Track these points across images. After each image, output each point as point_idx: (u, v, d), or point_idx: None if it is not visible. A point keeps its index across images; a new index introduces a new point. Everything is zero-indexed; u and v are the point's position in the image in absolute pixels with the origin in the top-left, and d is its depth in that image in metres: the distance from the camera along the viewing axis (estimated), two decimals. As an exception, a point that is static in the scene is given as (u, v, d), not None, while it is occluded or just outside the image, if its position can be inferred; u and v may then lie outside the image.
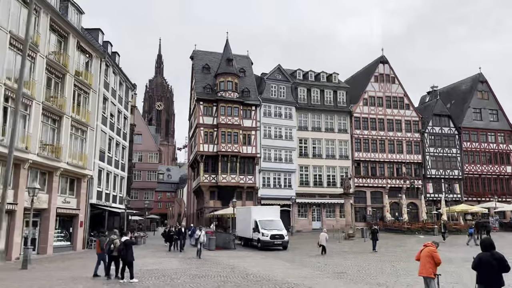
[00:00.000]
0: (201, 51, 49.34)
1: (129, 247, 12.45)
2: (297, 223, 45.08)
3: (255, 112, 45.54)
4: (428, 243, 9.61)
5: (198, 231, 23.68)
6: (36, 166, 23.55)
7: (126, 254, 12.41)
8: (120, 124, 37.20)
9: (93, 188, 30.41)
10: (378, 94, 51.51)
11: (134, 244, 12.82)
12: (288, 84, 48.01)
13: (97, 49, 30.68)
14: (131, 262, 12.69)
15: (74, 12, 28.50)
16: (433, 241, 10.04)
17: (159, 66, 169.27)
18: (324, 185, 47.49)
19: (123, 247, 12.52)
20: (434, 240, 10.21)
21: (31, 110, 22.52)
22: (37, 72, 23.08)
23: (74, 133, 27.65)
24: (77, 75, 27.63)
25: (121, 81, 37.61)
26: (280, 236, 27.33)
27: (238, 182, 43.19)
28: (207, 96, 43.82)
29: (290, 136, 46.87)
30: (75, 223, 28.28)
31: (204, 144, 42.98)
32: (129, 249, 12.44)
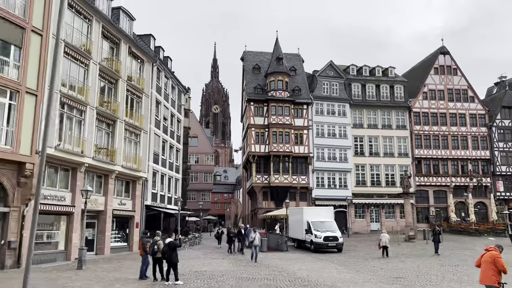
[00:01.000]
0: (251, 52, 49.21)
1: (173, 249, 12.24)
2: (354, 224, 43.42)
3: (306, 110, 44.55)
4: (490, 247, 8.39)
5: (252, 233, 22.09)
6: (92, 169, 24.37)
7: (170, 256, 12.22)
8: (173, 127, 37.91)
9: (148, 190, 31.11)
10: (439, 87, 48.43)
11: (178, 246, 12.59)
12: (340, 81, 46.50)
13: (148, 54, 31.39)
14: (176, 264, 12.49)
15: (125, 19, 29.33)
16: (496, 244, 8.76)
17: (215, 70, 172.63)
18: (382, 184, 45.40)
19: (167, 249, 12.34)
20: (498, 244, 8.91)
21: (85, 115, 23.35)
22: (90, 79, 23.91)
23: (128, 136, 28.42)
24: (129, 80, 28.40)
25: (173, 85, 38.34)
26: (334, 238, 26.26)
27: (291, 182, 42.43)
28: (257, 96, 43.54)
29: (345, 134, 45.33)
30: (131, 224, 29.05)
31: (255, 145, 42.72)
32: (173, 251, 12.24)
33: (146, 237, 15.33)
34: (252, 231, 22.90)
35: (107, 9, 26.87)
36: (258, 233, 21.92)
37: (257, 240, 20.92)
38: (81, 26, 23.62)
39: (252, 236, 21.34)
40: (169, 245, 12.34)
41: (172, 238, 12.62)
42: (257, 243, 20.90)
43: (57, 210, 21.46)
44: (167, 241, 12.57)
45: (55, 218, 21.97)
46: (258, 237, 21.10)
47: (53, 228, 22.02)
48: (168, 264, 12.85)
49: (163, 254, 12.62)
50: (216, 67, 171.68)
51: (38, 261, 20.08)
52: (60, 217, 22.30)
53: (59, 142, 21.11)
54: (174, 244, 12.35)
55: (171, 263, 12.49)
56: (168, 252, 12.31)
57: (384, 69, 49.38)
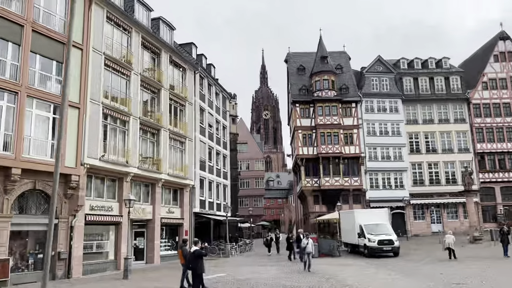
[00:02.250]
0: (295, 53, 48.33)
1: (197, 258, 11.58)
2: (413, 226, 40.91)
3: (355, 109, 42.83)
4: None
5: (304, 239, 19.74)
6: (138, 178, 24.61)
7: (195, 265, 11.55)
8: (219, 134, 37.86)
9: (195, 197, 31.10)
10: (500, 76, 44.71)
11: (204, 255, 11.90)
12: (390, 76, 44.31)
13: (190, 62, 31.52)
14: (200, 274, 11.76)
15: (165, 29, 29.64)
16: None
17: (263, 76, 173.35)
18: (442, 183, 42.50)
19: (192, 258, 11.71)
20: None
21: (129, 125, 23.64)
22: (132, 89, 24.23)
23: (173, 145, 28.55)
24: (171, 89, 28.59)
25: (217, 92, 38.34)
26: (389, 241, 24.61)
27: (342, 184, 40.84)
28: (302, 97, 42.52)
29: (398, 132, 43.02)
30: (180, 232, 29.07)
31: (303, 147, 41.65)
32: (197, 260, 11.57)
33: (185, 245, 14.93)
34: (304, 237, 20.58)
35: (147, 20, 27.26)
36: (311, 239, 20.17)
37: (310, 247, 19.08)
38: (120, 38, 24.04)
39: (304, 242, 19.43)
40: (194, 253, 11.70)
41: (198, 246, 11.92)
42: (310, 250, 19.01)
43: (105, 220, 21.78)
44: (192, 250, 11.93)
45: (103, 228, 22.30)
46: (311, 243, 19.31)
47: (103, 238, 22.37)
48: (192, 274, 12.09)
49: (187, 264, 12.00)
50: (265, 73, 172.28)
51: (89, 271, 20.40)
52: (108, 227, 22.62)
53: (104, 153, 21.45)
54: (199, 252, 11.64)
55: (195, 273, 11.73)
56: (193, 261, 11.65)
57: (438, 61, 46.47)
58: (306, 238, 19.73)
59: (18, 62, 17.27)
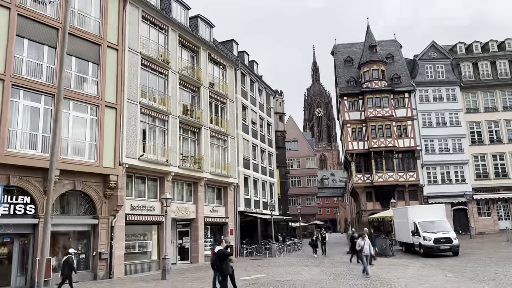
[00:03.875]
0: (342, 44, 46.48)
1: (222, 259, 10.79)
2: (477, 223, 37.67)
3: (409, 99, 40.21)
4: None
5: (360, 240, 17.12)
6: (180, 178, 24.41)
7: (220, 266, 10.78)
8: (263, 131, 37.06)
9: (240, 196, 30.50)
10: None
11: (229, 255, 11.10)
12: (447, 62, 41.16)
13: (230, 59, 30.99)
14: (227, 275, 10.98)
15: (204, 27, 29.32)
16: None
17: (315, 73, 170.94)
18: (510, 175, 38.74)
19: (216, 258, 10.95)
20: None
21: (168, 124, 23.47)
22: (170, 88, 24.06)
23: (215, 143, 28.15)
24: (211, 86, 28.19)
25: (260, 88, 37.58)
26: (447, 240, 22.44)
27: (397, 180, 38.47)
28: (350, 89, 40.65)
29: (457, 122, 39.82)
30: (225, 232, 28.61)
31: (352, 142, 39.77)
32: (222, 260, 10.78)
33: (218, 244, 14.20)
34: (360, 238, 17.63)
35: (185, 19, 27.05)
36: (367, 240, 17.30)
37: (367, 249, 16.60)
38: (157, 37, 23.96)
39: (360, 244, 16.88)
40: (217, 254, 10.93)
41: (222, 245, 11.13)
42: (367, 253, 16.48)
43: (147, 220, 21.67)
44: (216, 250, 11.16)
45: (145, 228, 22.27)
46: (368, 245, 16.78)
47: (145, 238, 22.34)
48: (220, 275, 11.30)
49: (212, 265, 11.26)
50: (317, 69, 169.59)
51: (132, 271, 20.39)
52: (151, 227, 22.57)
53: (143, 152, 21.37)
54: (223, 252, 10.86)
55: (222, 274, 10.96)
56: (217, 262, 10.87)
57: (500, 43, 42.57)
58: (362, 239, 17.16)
59: (53, 65, 17.54)
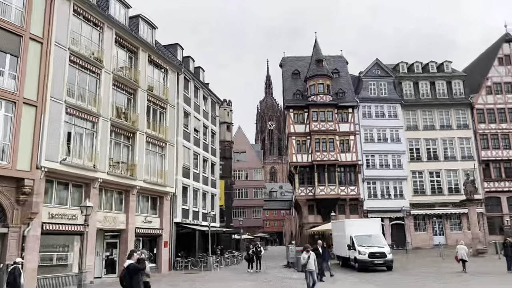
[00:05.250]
0: (290, 57, 46.65)
1: (132, 274, 9.55)
2: (413, 238, 38.58)
3: (352, 114, 40.84)
4: None
5: (304, 254, 15.36)
6: (109, 185, 22.78)
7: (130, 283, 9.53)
8: (207, 140, 35.99)
9: (177, 206, 29.14)
10: (505, 79, 42.60)
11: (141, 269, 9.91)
12: (389, 80, 42.37)
13: (172, 63, 29.85)
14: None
15: (145, 27, 28.05)
16: None
17: (268, 87, 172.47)
18: (444, 192, 40.21)
19: (125, 274, 9.69)
20: None
21: (97, 127, 21.87)
22: (102, 89, 22.50)
23: (151, 149, 26.73)
24: (150, 90, 26.85)
25: (205, 96, 36.59)
26: (381, 254, 22.42)
27: (338, 193, 38.68)
28: (296, 102, 40.68)
29: (397, 138, 40.90)
30: (159, 244, 27.11)
31: (297, 154, 39.67)
32: (132, 276, 9.54)
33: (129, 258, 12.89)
34: (304, 251, 15.74)
35: (124, 17, 25.72)
36: (312, 253, 15.61)
37: (312, 263, 15.10)
38: (90, 33, 22.41)
39: (304, 257, 15.28)
40: (128, 269, 9.68)
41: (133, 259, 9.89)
42: (312, 268, 15.01)
43: (68, 229, 19.86)
44: (126, 264, 9.90)
45: (66, 238, 20.43)
46: (312, 259, 15.20)
47: (66, 250, 20.51)
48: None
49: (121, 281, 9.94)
50: (270, 83, 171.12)
51: (46, 286, 18.56)
52: (73, 237, 20.73)
53: (66, 156, 19.66)
54: (135, 267, 9.65)
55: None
56: (127, 278, 9.59)
57: (439, 64, 44.50)
58: (306, 252, 15.40)
59: (-39, 54, 15.67)
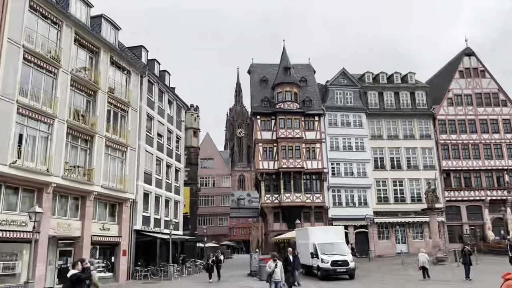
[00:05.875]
0: (259, 64, 46.53)
1: (76, 284, 8.94)
2: (377, 246, 38.94)
3: (318, 122, 41.04)
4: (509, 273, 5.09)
5: (271, 263, 14.49)
6: (64, 190, 21.72)
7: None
8: (171, 145, 35.17)
9: (137, 213, 28.18)
10: (465, 92, 44.03)
11: (85, 279, 9.28)
12: (355, 89, 42.94)
13: (136, 65, 29.04)
14: None
15: (108, 28, 27.20)
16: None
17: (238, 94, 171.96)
18: (407, 201, 40.87)
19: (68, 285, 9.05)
20: None
21: (53, 129, 20.84)
22: (59, 89, 21.51)
23: (111, 153, 25.76)
24: (111, 92, 25.97)
25: (170, 100, 35.83)
26: (343, 262, 22.33)
27: (304, 201, 38.61)
28: (264, 109, 40.51)
29: (362, 147, 41.37)
30: (117, 252, 26.06)
31: (263, 161, 39.39)
32: (76, 286, 8.92)
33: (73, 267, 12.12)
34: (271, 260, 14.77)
35: (85, 16, 24.79)
36: (280, 263, 14.72)
37: (279, 273, 14.23)
38: (48, 31, 21.42)
39: (270, 266, 14.33)
40: (70, 280, 9.05)
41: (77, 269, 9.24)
42: (278, 278, 14.13)
43: (17, 237, 18.71)
44: (69, 274, 9.26)
45: (15, 246, 19.21)
46: (279, 268, 14.35)
47: (14, 258, 19.28)
48: None
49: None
50: (240, 90, 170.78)
51: (-10, 297, 17.33)
52: (22, 245, 19.51)
53: (17, 159, 18.56)
54: (78, 277, 9.02)
55: None
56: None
57: (404, 76, 45.51)
58: (273, 261, 14.46)
59: None
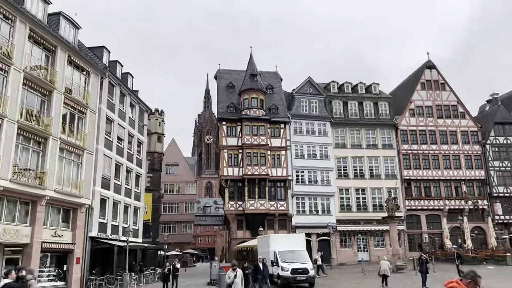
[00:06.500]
0: (226, 70, 46.19)
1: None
2: (339, 254, 39.09)
3: (284, 130, 41.04)
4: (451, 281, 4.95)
5: (230, 272, 13.75)
6: (12, 194, 20.52)
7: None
8: (132, 149, 34.18)
9: (93, 219, 27.06)
10: (426, 103, 45.28)
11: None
12: (320, 98, 43.29)
13: (96, 66, 28.08)
14: None
15: (67, 26, 26.20)
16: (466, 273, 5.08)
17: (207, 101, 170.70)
18: (369, 209, 41.35)
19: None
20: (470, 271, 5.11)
21: (1, 129, 19.71)
22: (10, 87, 20.42)
23: (66, 157, 24.66)
24: (68, 92, 24.93)
25: (132, 103, 34.91)
26: (303, 270, 22.13)
27: (268, 209, 38.35)
28: (230, 115, 40.13)
29: (326, 155, 41.65)
30: (70, 260, 24.86)
31: (228, 168, 38.89)
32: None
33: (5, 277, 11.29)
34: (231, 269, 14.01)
35: (42, 13, 23.80)
36: (240, 272, 14.07)
37: (239, 283, 13.67)
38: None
39: (229, 276, 13.65)
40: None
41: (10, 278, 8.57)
42: None
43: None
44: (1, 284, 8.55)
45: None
46: (240, 278, 13.65)
47: (-48, 266, 17.96)
48: None
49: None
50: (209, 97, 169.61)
51: None
52: (-38, 253, 18.27)
53: (-42, 160, 17.38)
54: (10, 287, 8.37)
55: None
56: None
57: (368, 86, 46.34)
58: (232, 271, 13.74)
59: None
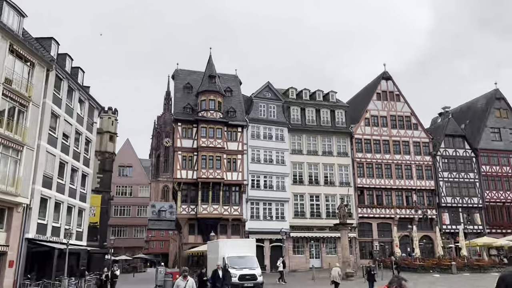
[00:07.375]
0: (184, 70, 45.13)
1: None
2: (292, 260, 38.87)
3: (241, 134, 40.53)
4: None
5: (180, 280, 12.44)
6: None
7: None
8: (79, 147, 32.47)
9: (31, 220, 25.26)
10: (381, 113, 46.26)
11: None
12: (279, 103, 43.19)
13: (41, 57, 26.43)
14: None
15: (11, 13, 24.55)
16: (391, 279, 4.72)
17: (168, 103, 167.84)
18: (322, 216, 41.51)
19: None
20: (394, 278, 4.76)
21: None
22: None
23: (2, 152, 22.92)
24: (8, 83, 23.24)
25: (81, 99, 33.22)
26: (251, 277, 21.70)
27: (221, 213, 37.61)
28: (186, 116, 39.16)
29: (282, 161, 41.49)
30: (2, 263, 23.04)
31: (182, 170, 37.85)
32: None
33: None
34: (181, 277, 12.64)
35: (-18, -4, 22.09)
36: (191, 280, 12.66)
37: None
38: None
39: (178, 285, 12.34)
40: None
41: None
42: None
43: None
44: None
45: None
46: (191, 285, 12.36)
47: None
48: None
49: None
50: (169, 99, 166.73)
51: None
52: None
53: None
54: None
55: None
56: None
57: (325, 94, 46.76)
58: (183, 278, 12.41)
59: None
